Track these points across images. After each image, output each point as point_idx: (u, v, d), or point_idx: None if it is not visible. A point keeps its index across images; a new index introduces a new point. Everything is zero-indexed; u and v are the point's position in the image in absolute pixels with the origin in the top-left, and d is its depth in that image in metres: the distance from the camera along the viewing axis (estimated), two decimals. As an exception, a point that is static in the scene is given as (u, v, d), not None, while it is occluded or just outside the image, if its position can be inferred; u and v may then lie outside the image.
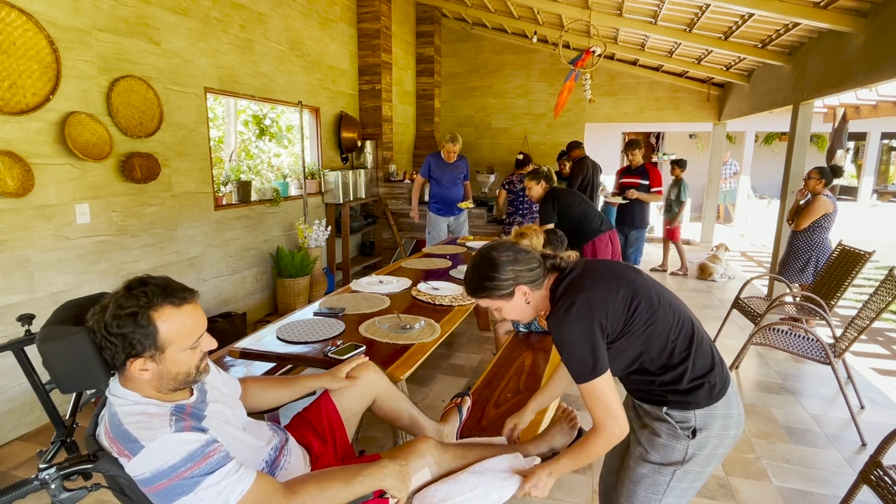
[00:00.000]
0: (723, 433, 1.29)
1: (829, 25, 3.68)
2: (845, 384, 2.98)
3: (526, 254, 1.32)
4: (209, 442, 1.08)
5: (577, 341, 1.21)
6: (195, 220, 3.68)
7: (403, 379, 1.82)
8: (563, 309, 1.23)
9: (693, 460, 1.29)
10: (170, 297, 1.10)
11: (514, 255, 1.31)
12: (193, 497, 1.03)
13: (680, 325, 1.27)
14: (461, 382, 3.27)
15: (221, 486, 1.05)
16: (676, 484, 1.32)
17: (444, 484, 1.42)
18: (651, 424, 1.34)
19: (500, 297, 1.32)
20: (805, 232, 4.03)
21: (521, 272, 1.30)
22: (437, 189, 5.03)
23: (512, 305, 1.33)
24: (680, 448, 1.29)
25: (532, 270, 1.31)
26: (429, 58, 7.63)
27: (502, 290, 1.30)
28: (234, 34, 3.98)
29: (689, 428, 1.28)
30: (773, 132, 11.58)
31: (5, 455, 2.49)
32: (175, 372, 1.12)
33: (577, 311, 1.21)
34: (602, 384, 1.21)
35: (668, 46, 6.11)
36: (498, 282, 1.29)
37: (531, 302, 1.33)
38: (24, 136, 2.54)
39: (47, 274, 2.71)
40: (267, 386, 1.58)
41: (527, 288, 1.31)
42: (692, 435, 1.28)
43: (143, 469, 1.02)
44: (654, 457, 1.33)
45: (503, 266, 1.29)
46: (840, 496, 2.00)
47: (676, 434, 1.29)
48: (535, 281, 1.32)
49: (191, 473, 1.03)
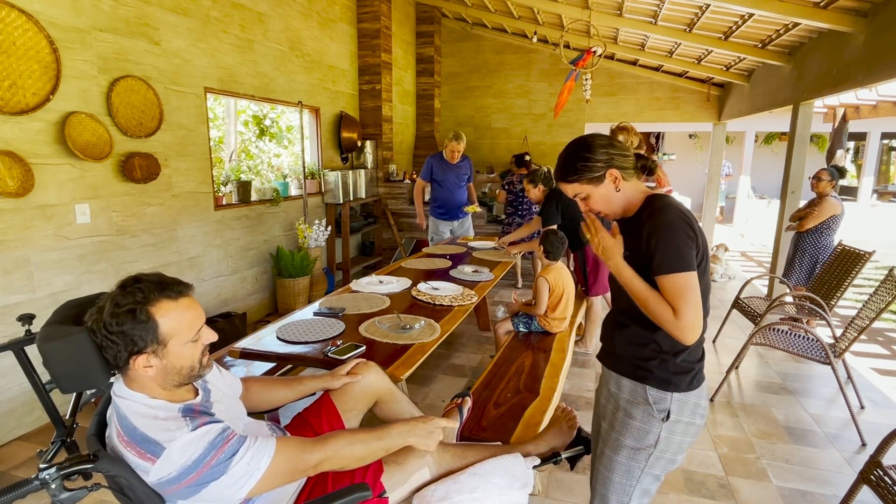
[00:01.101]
0: (691, 421, 1.33)
1: (829, 25, 3.68)
2: (845, 384, 2.98)
3: (621, 144, 1.32)
4: (225, 428, 1.11)
5: (678, 232, 1.19)
6: (195, 220, 3.68)
7: (403, 379, 1.82)
8: (667, 202, 1.23)
9: (664, 444, 1.32)
10: (166, 292, 1.11)
11: (608, 140, 1.30)
12: (227, 478, 1.06)
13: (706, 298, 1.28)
14: (461, 382, 3.27)
15: (248, 457, 1.09)
16: (650, 470, 1.35)
17: (443, 484, 1.42)
18: (626, 407, 1.36)
19: (590, 181, 1.29)
20: (813, 233, 4.03)
21: (615, 155, 1.28)
22: (439, 192, 4.74)
23: (601, 192, 1.30)
24: (654, 431, 1.32)
25: (626, 158, 1.30)
26: (429, 58, 7.63)
27: (595, 171, 1.27)
28: (234, 34, 3.98)
29: (663, 410, 1.31)
30: (773, 132, 11.58)
31: (5, 455, 2.49)
32: (179, 366, 1.12)
33: (681, 212, 1.22)
34: (686, 281, 1.17)
35: (668, 46, 6.10)
36: (591, 162, 1.27)
37: (621, 190, 1.30)
38: (24, 136, 2.54)
39: (47, 274, 2.71)
40: (268, 386, 1.58)
41: (618, 174, 1.28)
42: (666, 417, 1.30)
43: (170, 469, 1.03)
44: (629, 441, 1.35)
45: (598, 147, 1.28)
46: (840, 496, 2.00)
47: (651, 415, 1.32)
48: (628, 169, 1.30)
49: (217, 461, 1.06)
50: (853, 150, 11.64)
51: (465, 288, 2.84)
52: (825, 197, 3.97)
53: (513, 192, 5.41)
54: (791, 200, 4.73)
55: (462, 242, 4.35)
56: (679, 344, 1.24)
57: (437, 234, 4.89)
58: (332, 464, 1.20)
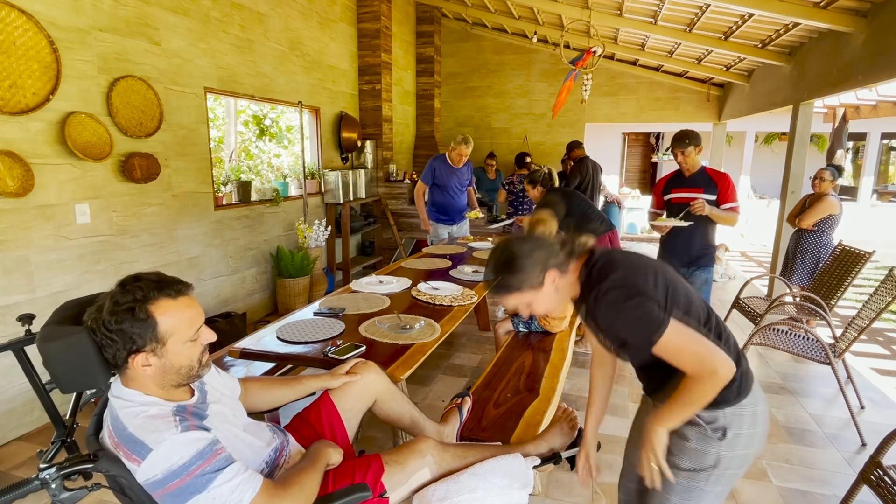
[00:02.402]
0: (752, 431, 1.25)
1: (829, 25, 3.68)
2: (845, 384, 2.98)
3: (548, 241, 1.27)
4: (214, 441, 1.10)
5: (627, 307, 1.14)
6: (195, 220, 3.68)
7: (403, 379, 1.81)
8: (600, 284, 1.18)
9: (725, 462, 1.24)
10: (165, 290, 1.10)
11: (534, 242, 1.25)
12: (207, 495, 1.04)
13: (710, 317, 1.25)
14: (461, 382, 3.27)
15: (234, 483, 1.07)
16: (711, 488, 1.26)
17: (443, 484, 1.42)
18: (679, 429, 1.25)
19: (530, 289, 1.24)
20: (814, 232, 4.03)
21: (547, 257, 1.23)
22: (440, 197, 4.57)
23: (543, 296, 1.26)
24: (711, 451, 1.23)
25: (557, 254, 1.25)
26: (429, 58, 7.63)
27: (532, 280, 1.23)
28: (234, 34, 3.98)
29: (718, 428, 1.23)
30: (773, 132, 11.58)
31: (5, 455, 2.49)
32: (178, 366, 1.12)
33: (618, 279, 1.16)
34: (673, 335, 1.12)
35: (668, 46, 6.11)
36: (526, 273, 1.22)
37: (560, 288, 1.26)
38: (24, 136, 2.54)
39: (47, 274, 2.71)
40: (267, 386, 1.58)
41: (556, 273, 1.24)
42: (722, 435, 1.22)
43: (155, 471, 1.02)
44: (685, 463, 1.26)
45: (527, 256, 1.22)
46: (840, 496, 1.99)
47: (706, 436, 1.23)
48: (562, 265, 1.25)
49: (202, 471, 1.04)
50: (853, 150, 11.64)
51: (465, 288, 2.84)
52: (824, 195, 3.98)
53: (513, 192, 5.41)
54: (791, 200, 4.73)
55: (462, 242, 4.35)
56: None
57: (436, 236, 4.79)
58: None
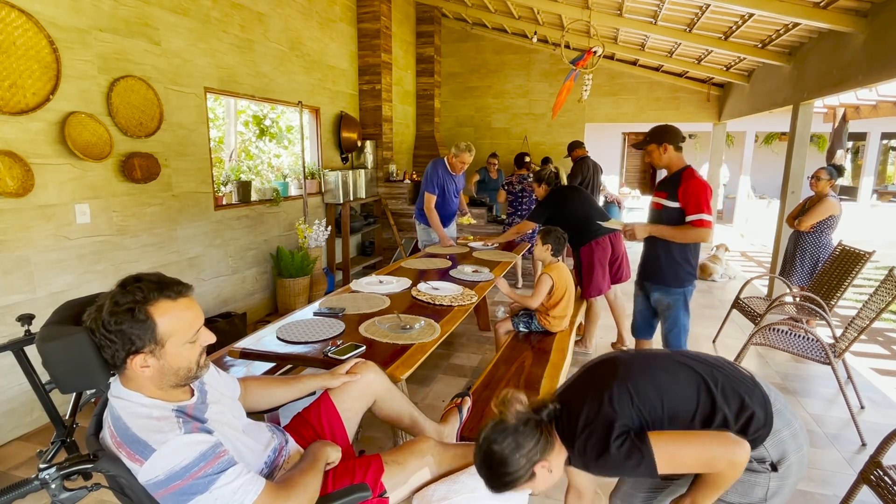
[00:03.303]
0: (799, 453, 1.24)
1: (829, 25, 3.68)
2: (845, 384, 2.98)
3: (523, 427, 1.22)
4: (217, 443, 1.10)
5: (613, 464, 1.16)
6: (195, 220, 3.68)
7: (403, 379, 1.81)
8: (577, 451, 1.20)
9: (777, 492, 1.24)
10: (165, 292, 1.10)
11: (513, 440, 1.21)
12: (209, 496, 1.04)
13: (693, 383, 1.24)
14: (461, 382, 3.27)
15: (236, 484, 1.07)
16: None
17: (443, 484, 1.42)
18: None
19: (526, 483, 1.24)
20: (814, 233, 4.03)
21: (529, 453, 1.20)
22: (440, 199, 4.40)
23: (539, 482, 1.25)
24: (761, 483, 1.23)
25: (538, 443, 1.22)
26: (429, 58, 7.63)
27: (523, 478, 1.22)
28: (234, 34, 3.98)
29: (764, 460, 1.23)
30: (773, 132, 11.58)
31: (5, 455, 2.49)
32: (176, 367, 1.12)
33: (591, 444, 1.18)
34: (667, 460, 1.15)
35: (668, 46, 6.11)
36: (516, 475, 1.21)
37: (553, 470, 1.25)
38: (24, 136, 2.54)
39: (47, 274, 2.71)
40: (267, 385, 1.58)
41: (547, 464, 1.23)
42: (772, 468, 1.23)
43: (157, 472, 1.02)
44: (734, 498, 1.26)
45: (510, 458, 1.20)
46: (840, 496, 1.99)
47: (754, 470, 1.23)
48: (546, 450, 1.23)
49: (204, 473, 1.04)
50: (853, 150, 11.64)
51: (465, 288, 2.84)
52: (824, 196, 3.98)
53: (513, 192, 5.41)
54: (791, 200, 4.73)
55: (462, 242, 4.35)
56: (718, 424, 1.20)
57: (429, 240, 4.65)
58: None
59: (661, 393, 1.22)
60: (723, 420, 1.20)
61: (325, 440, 1.46)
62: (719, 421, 1.20)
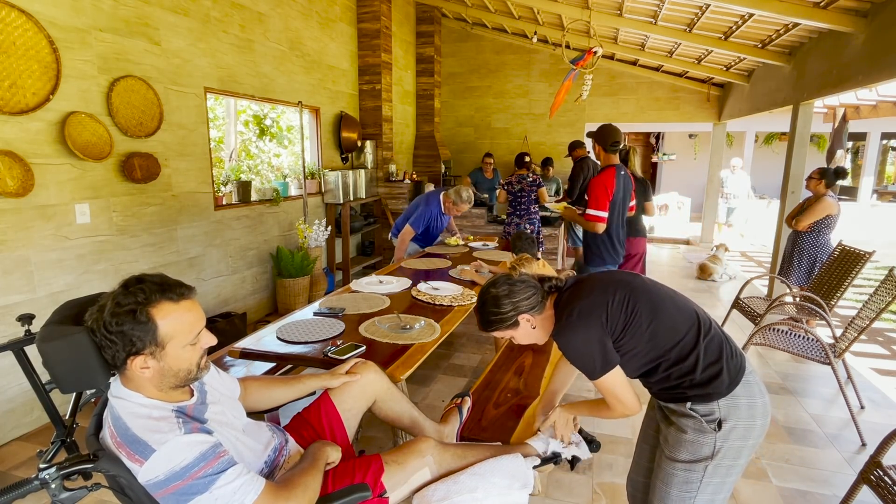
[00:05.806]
0: (749, 423, 1.30)
1: (829, 25, 3.68)
2: (845, 384, 2.98)
3: (521, 283, 1.43)
4: (217, 444, 1.10)
5: (580, 346, 1.32)
6: (195, 220, 3.68)
7: (403, 379, 1.81)
8: (563, 319, 1.34)
9: (721, 453, 1.31)
10: (167, 293, 1.10)
11: (508, 288, 1.41)
12: (209, 496, 1.04)
13: (686, 318, 1.33)
14: (461, 382, 3.27)
15: (236, 484, 1.07)
16: (709, 479, 1.33)
17: (443, 484, 1.42)
18: (677, 422, 1.36)
19: (507, 328, 1.43)
20: (812, 233, 4.03)
21: (518, 302, 1.40)
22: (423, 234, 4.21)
23: (521, 333, 1.44)
24: (707, 442, 1.31)
25: (529, 298, 1.41)
26: (429, 58, 7.63)
27: (507, 321, 1.41)
28: (234, 34, 3.98)
29: (714, 420, 1.30)
30: (773, 132, 11.58)
31: (5, 455, 2.49)
32: (176, 369, 1.12)
33: (576, 318, 1.32)
34: (611, 380, 1.33)
35: (668, 46, 6.11)
36: (501, 315, 1.40)
37: (537, 327, 1.43)
38: (24, 136, 2.54)
39: (47, 274, 2.71)
40: (267, 385, 1.58)
41: (529, 315, 1.41)
42: (718, 427, 1.30)
43: (157, 472, 1.02)
44: (683, 455, 1.34)
45: (501, 300, 1.41)
46: (840, 496, 2.00)
47: (702, 428, 1.31)
48: (535, 307, 1.42)
49: (204, 473, 1.04)
50: (853, 150, 11.64)
51: (465, 288, 2.84)
52: (821, 196, 3.97)
53: (512, 192, 5.40)
54: (791, 200, 4.73)
55: (464, 243, 4.35)
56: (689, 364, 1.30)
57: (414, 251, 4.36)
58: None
59: (656, 313, 1.32)
60: (694, 362, 1.30)
61: (325, 440, 1.46)
62: (691, 362, 1.30)
